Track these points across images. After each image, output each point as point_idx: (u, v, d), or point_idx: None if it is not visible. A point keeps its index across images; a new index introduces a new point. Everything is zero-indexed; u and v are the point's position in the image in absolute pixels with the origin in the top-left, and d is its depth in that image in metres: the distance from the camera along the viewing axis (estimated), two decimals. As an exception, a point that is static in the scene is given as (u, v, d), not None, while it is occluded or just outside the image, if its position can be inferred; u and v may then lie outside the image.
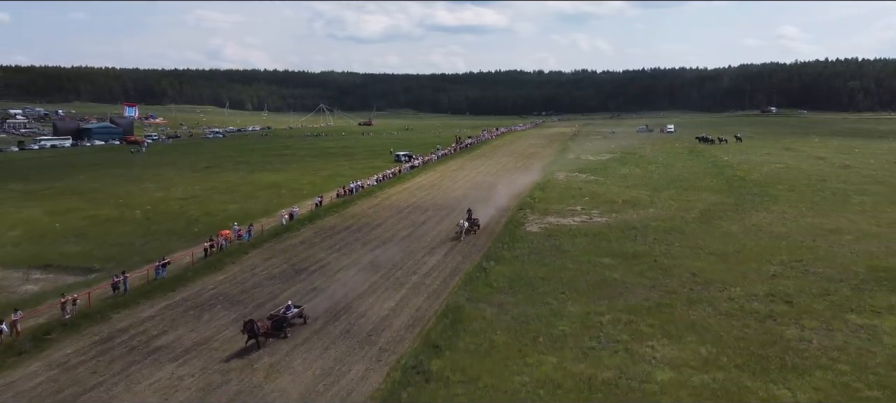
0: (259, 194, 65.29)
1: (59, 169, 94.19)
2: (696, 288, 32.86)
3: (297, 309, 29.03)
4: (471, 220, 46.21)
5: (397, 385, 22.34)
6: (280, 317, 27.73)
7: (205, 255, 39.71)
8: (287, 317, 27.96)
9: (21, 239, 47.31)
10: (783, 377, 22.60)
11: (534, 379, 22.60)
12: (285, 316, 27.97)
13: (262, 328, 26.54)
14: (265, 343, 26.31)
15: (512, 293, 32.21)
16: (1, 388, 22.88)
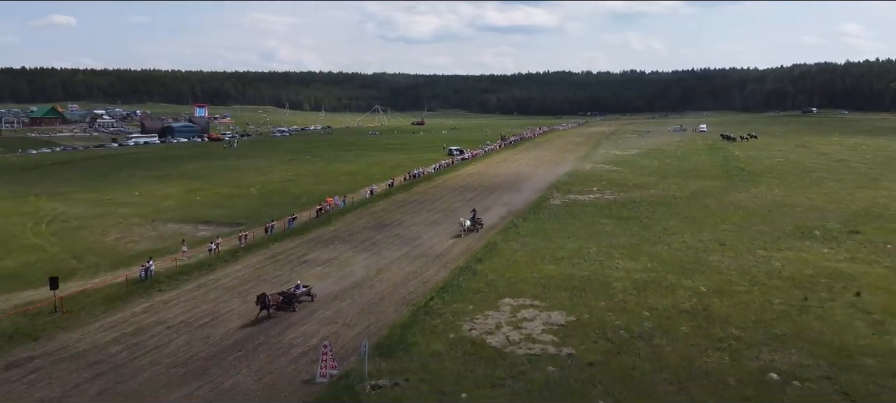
0: (340, 178, 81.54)
1: (168, 160, 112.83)
2: (662, 236, 47.23)
3: (305, 288, 34.06)
4: (474, 220, 50.65)
5: (456, 275, 37.58)
6: (290, 294, 32.71)
7: (317, 215, 55.81)
8: (296, 294, 32.88)
9: (175, 207, 64.49)
10: (692, 276, 36.97)
11: (539, 275, 37.49)
12: (294, 293, 32.96)
13: (273, 302, 31.65)
14: (275, 315, 31.42)
15: (532, 237, 47.20)
16: (227, 274, 39.10)
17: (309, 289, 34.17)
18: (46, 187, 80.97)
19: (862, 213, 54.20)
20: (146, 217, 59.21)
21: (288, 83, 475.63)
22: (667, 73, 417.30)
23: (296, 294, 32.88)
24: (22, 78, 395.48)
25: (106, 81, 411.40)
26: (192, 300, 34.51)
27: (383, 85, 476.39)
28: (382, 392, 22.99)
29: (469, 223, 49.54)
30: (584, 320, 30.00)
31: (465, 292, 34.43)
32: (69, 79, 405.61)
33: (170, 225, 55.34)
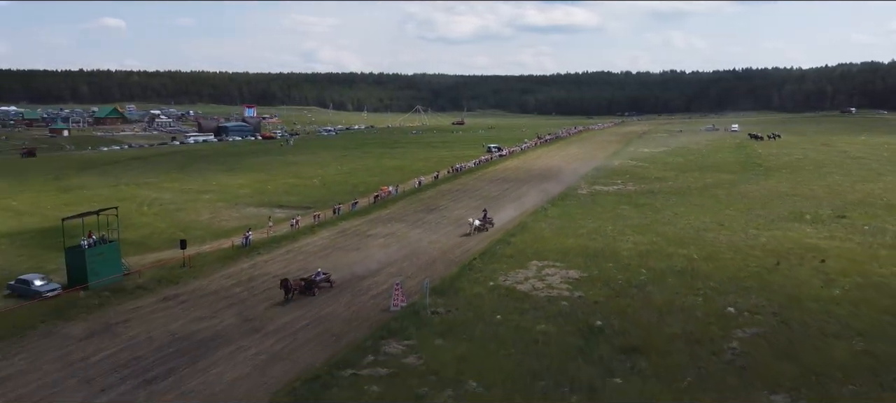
0: (390, 171, 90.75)
1: (231, 156, 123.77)
2: (671, 218, 55.07)
3: (324, 275, 37.18)
4: (484, 219, 52.67)
5: (493, 245, 46.14)
6: (310, 280, 35.89)
7: (374, 201, 65.00)
8: (316, 281, 36.05)
9: (250, 194, 74.40)
10: (688, 247, 44.89)
11: (561, 245, 45.80)
12: (315, 279, 36.17)
13: (295, 286, 34.87)
14: (296, 298, 34.62)
15: (558, 218, 55.55)
16: (308, 243, 48.46)
17: (328, 276, 37.40)
18: (133, 178, 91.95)
19: (855, 202, 61.06)
20: (228, 202, 69.12)
21: (331, 84, 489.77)
22: (707, 73, 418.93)
23: (316, 280, 36.22)
24: (82, 79, 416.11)
25: (159, 83, 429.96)
26: (285, 260, 43.87)
27: (424, 85, 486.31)
28: (438, 316, 31.73)
29: (478, 222, 51.68)
30: (594, 275, 38.34)
31: (500, 257, 43.04)
32: (125, 80, 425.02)
33: (250, 208, 65.06)
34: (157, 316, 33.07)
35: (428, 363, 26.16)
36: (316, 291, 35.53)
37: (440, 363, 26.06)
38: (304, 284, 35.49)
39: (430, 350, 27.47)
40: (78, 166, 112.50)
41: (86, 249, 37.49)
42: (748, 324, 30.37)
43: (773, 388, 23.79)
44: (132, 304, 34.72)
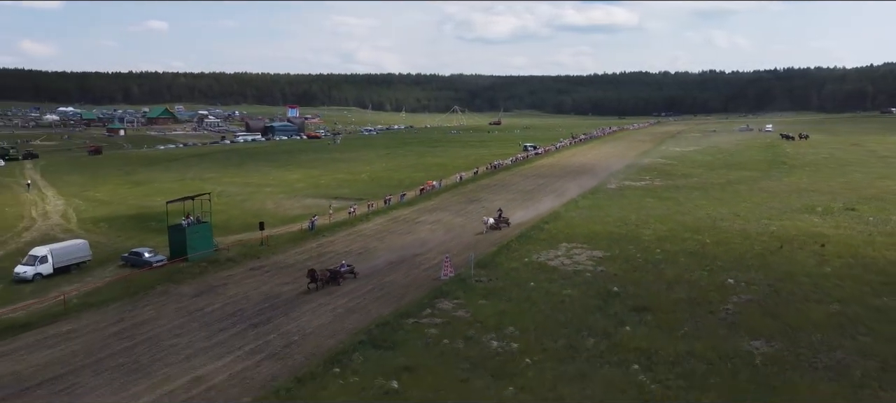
0: (432, 168, 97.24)
1: (282, 154, 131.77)
2: (691, 210, 60.41)
3: (348, 267, 40.17)
4: (499, 218, 54.89)
5: (528, 230, 52.19)
6: (335, 271, 38.80)
7: (420, 193, 71.57)
8: (340, 271, 39.00)
9: (305, 187, 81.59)
10: (702, 233, 50.35)
11: (588, 231, 51.63)
12: (339, 270, 39.13)
13: (321, 276, 37.72)
14: (322, 287, 37.40)
15: (587, 209, 61.34)
16: (365, 228, 55.24)
17: (352, 267, 40.46)
18: (196, 173, 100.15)
19: (868, 197, 65.45)
20: (287, 193, 76.43)
21: (369, 85, 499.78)
22: (747, 73, 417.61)
23: (341, 271, 39.17)
24: (132, 81, 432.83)
25: (205, 84, 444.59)
26: (346, 241, 50.66)
27: (461, 86, 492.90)
28: (481, 283, 37.97)
29: (492, 221, 53.71)
30: (615, 255, 44.20)
31: (534, 240, 49.15)
32: (173, 81, 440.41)
33: (308, 199, 72.14)
34: (248, 281, 40.02)
35: (474, 315, 32.47)
36: (340, 281, 38.54)
37: (484, 315, 32.34)
38: (330, 274, 38.50)
39: (476, 307, 33.78)
40: (142, 163, 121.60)
41: (186, 227, 44.76)
42: (744, 292, 35.94)
43: (754, 337, 29.46)
44: (226, 272, 41.80)
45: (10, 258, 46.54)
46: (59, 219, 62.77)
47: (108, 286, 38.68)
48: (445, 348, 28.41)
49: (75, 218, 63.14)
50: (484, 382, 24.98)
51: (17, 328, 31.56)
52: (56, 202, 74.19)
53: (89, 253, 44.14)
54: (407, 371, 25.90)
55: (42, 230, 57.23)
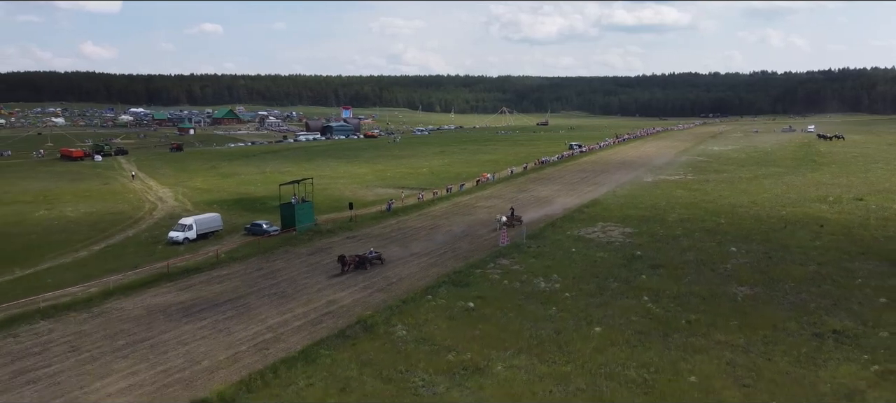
0: (485, 163, 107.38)
1: (346, 151, 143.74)
2: (715, 199, 69.13)
3: (376, 254, 44.13)
4: (512, 217, 57.48)
5: (570, 213, 61.91)
6: (364, 257, 42.96)
7: (476, 184, 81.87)
8: (368, 258, 42.99)
9: (374, 179, 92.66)
10: (720, 216, 59.26)
11: (622, 214, 61.00)
12: (367, 256, 43.31)
13: (350, 261, 41.68)
14: (350, 271, 41.33)
15: (623, 197, 70.68)
16: (432, 210, 65.74)
17: (379, 254, 44.55)
18: (273, 167, 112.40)
19: (880, 190, 72.97)
20: (360, 184, 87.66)
21: (419, 86, 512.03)
22: (799, 74, 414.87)
23: (368, 257, 43.38)
24: (195, 83, 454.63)
25: (263, 85, 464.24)
26: (419, 220, 61.27)
27: (509, 87, 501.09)
28: (532, 249, 47.97)
29: (505, 218, 56.70)
30: (642, 231, 53.64)
31: (575, 220, 58.96)
32: (232, 83, 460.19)
33: (378, 188, 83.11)
34: (347, 245, 50.89)
35: (526, 268, 42.56)
36: (368, 266, 42.54)
37: (534, 268, 42.40)
38: (358, 260, 42.64)
39: (527, 263, 43.86)
40: (222, 158, 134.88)
41: (296, 204, 55.97)
42: (743, 257, 45.09)
43: (741, 285, 38.71)
44: (328, 240, 52.80)
45: (150, 230, 58.68)
46: (174, 202, 75.05)
47: (242, 246, 50.09)
48: (505, 286, 38.62)
49: (189, 201, 75.31)
50: (534, 306, 35.05)
51: (192, 271, 43.01)
52: (163, 190, 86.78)
53: (221, 224, 55.88)
54: (478, 298, 36.16)
55: (167, 210, 69.48)
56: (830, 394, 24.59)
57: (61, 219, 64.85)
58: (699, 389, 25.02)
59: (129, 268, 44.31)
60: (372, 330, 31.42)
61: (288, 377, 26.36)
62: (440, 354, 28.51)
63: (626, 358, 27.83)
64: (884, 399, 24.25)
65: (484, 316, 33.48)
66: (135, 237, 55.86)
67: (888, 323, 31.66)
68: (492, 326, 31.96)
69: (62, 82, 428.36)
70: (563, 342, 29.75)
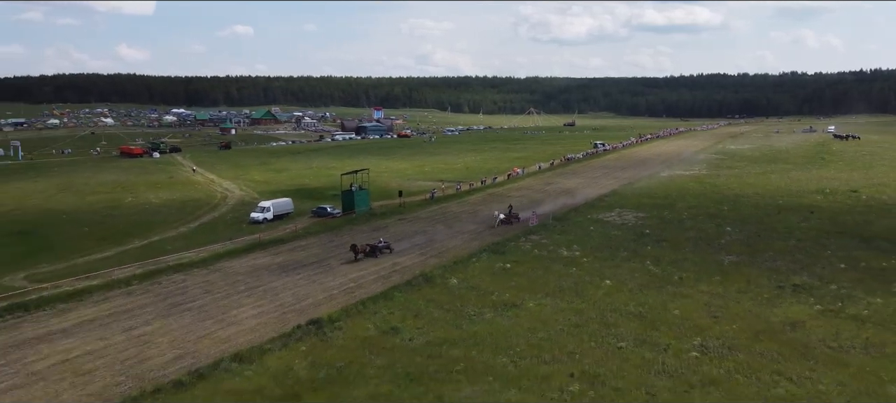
0: (515, 160, 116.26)
1: (383, 149, 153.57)
2: (723, 190, 77.26)
3: (385, 243, 48.81)
4: (509, 214, 60.56)
5: (592, 201, 70.63)
6: (374, 246, 47.70)
7: (508, 178, 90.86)
8: (378, 247, 47.69)
9: (414, 173, 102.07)
10: (723, 204, 67.47)
11: (637, 202, 69.50)
12: (377, 245, 48.09)
13: (361, 249, 46.11)
14: (362, 259, 45.56)
15: (639, 188, 79.22)
16: (470, 199, 74.96)
17: (388, 244, 49.41)
18: (319, 163, 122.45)
19: (877, 183, 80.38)
20: (402, 177, 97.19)
21: (447, 87, 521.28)
22: (830, 75, 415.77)
23: (378, 246, 48.16)
24: (231, 84, 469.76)
25: (296, 87, 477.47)
26: (459, 206, 70.46)
27: (537, 88, 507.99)
28: (557, 228, 56.84)
29: (502, 216, 60.10)
30: (653, 215, 62.17)
31: (595, 207, 67.70)
32: (267, 85, 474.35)
33: (419, 181, 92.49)
34: (400, 225, 60.32)
35: (552, 242, 51.47)
36: (378, 254, 47.26)
37: (558, 242, 51.27)
38: (370, 248, 47.53)
39: (553, 238, 52.76)
40: (270, 155, 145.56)
41: (354, 191, 65.54)
42: (736, 235, 53.46)
43: (729, 254, 47.15)
44: (383, 221, 62.23)
45: (230, 213, 68.73)
46: (240, 193, 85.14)
47: (313, 225, 59.86)
48: (535, 253, 47.64)
49: (253, 191, 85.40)
50: (558, 267, 43.98)
51: (278, 242, 52.74)
52: (226, 182, 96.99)
53: (293, 207, 65.66)
54: (513, 261, 45.23)
55: (237, 198, 79.63)
56: (778, 323, 33.09)
57: (149, 205, 75.31)
58: (680, 318, 33.72)
59: (226, 240, 54.15)
60: (431, 281, 40.63)
61: (373, 308, 35.64)
62: (485, 296, 37.61)
63: (628, 300, 36.61)
64: (819, 327, 32.61)
65: (518, 273, 42.51)
66: (220, 218, 65.96)
67: (840, 280, 40.00)
68: (524, 279, 40.99)
69: (106, 84, 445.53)
70: (579, 290, 38.68)
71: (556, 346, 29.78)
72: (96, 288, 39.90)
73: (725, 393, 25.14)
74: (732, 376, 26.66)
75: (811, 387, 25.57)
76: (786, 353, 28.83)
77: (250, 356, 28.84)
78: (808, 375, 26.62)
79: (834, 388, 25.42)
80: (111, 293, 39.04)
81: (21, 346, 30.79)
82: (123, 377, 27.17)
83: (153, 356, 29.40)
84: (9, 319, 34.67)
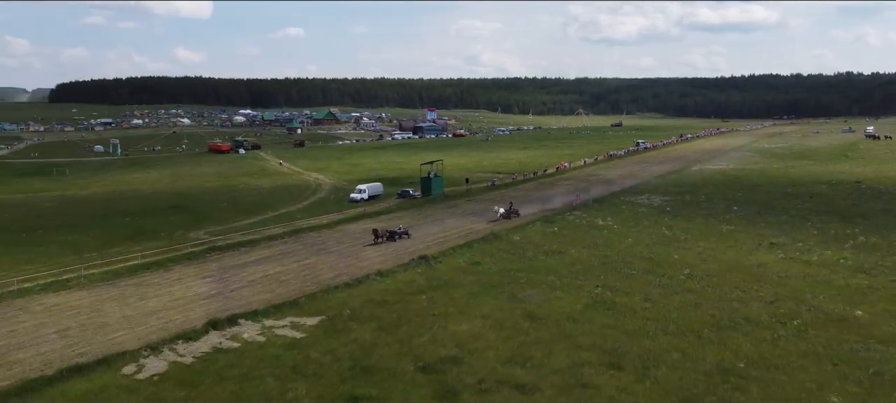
0: (563, 156, 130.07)
1: (442, 147, 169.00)
2: (741, 181, 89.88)
3: (404, 230, 56.05)
4: (510, 209, 65.95)
5: (626, 189, 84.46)
6: (393, 231, 55.05)
7: (556, 171, 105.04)
8: (397, 232, 55.05)
9: (474, 167, 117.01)
10: (738, 190, 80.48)
11: (665, 190, 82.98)
12: (397, 230, 55.34)
13: (382, 234, 53.89)
14: (382, 242, 53.34)
15: (670, 179, 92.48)
16: (524, 185, 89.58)
17: (406, 229, 56.68)
18: (387, 157, 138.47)
19: (881, 176, 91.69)
20: (464, 170, 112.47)
21: (497, 88, 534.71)
22: (887, 75, 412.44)
23: (397, 231, 55.45)
24: (291, 86, 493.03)
25: (353, 88, 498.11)
26: (515, 192, 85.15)
27: (586, 89, 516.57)
28: (595, 207, 71.03)
29: (503, 211, 65.47)
30: (676, 199, 75.66)
31: (629, 192, 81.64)
32: (325, 86, 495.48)
33: (479, 173, 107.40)
34: (468, 204, 75.35)
35: (590, 215, 65.74)
36: (397, 239, 54.78)
37: (596, 215, 65.51)
38: (389, 233, 55.02)
39: (591, 213, 66.98)
40: (342, 152, 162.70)
41: (432, 178, 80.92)
42: (740, 212, 66.59)
43: (729, 225, 60.58)
44: (454, 201, 77.33)
45: (330, 194, 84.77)
46: (330, 181, 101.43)
47: (399, 204, 75.40)
48: (576, 223, 62.08)
49: (340, 180, 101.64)
50: (594, 231, 58.28)
51: (377, 214, 68.41)
52: (313, 174, 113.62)
53: (383, 190, 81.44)
54: (559, 227, 59.77)
55: (329, 185, 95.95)
56: (749, 264, 46.61)
57: (261, 188, 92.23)
58: (678, 260, 47.70)
59: (335, 213, 70.08)
60: (499, 238, 55.53)
61: (459, 252, 50.64)
62: (538, 246, 52.31)
63: (643, 251, 50.74)
64: (777, 265, 46.03)
65: (562, 234, 57.09)
66: (324, 198, 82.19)
67: (808, 241, 53.25)
68: (567, 238, 55.53)
69: (175, 86, 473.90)
70: (607, 244, 53.04)
71: (588, 272, 44.35)
72: (260, 240, 56.11)
73: (697, 295, 39.23)
74: (705, 289, 40.70)
75: (755, 294, 39.41)
76: (747, 279, 42.65)
77: (386, 274, 44.30)
78: (755, 289, 40.45)
79: (769, 295, 39.17)
80: (272, 243, 55.16)
81: (232, 268, 46.90)
82: (308, 282, 42.83)
83: (322, 273, 45.09)
84: (211, 256, 50.93)
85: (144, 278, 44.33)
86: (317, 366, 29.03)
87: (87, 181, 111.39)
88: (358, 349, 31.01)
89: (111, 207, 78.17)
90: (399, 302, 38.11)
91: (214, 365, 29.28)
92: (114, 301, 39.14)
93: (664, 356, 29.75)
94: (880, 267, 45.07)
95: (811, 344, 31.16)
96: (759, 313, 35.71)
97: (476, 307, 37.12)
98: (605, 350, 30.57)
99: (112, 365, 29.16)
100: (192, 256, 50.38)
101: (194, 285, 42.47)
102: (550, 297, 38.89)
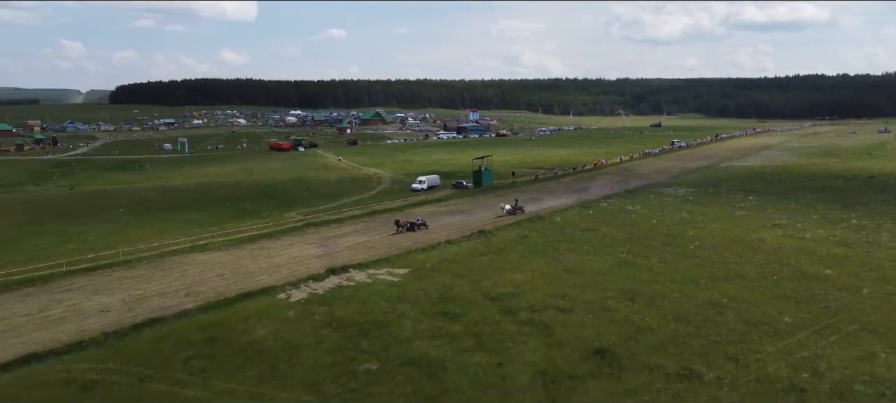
0: (599, 154, 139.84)
1: (488, 145, 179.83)
2: (762, 175, 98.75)
3: (422, 221, 62.24)
4: (515, 206, 70.40)
5: (656, 182, 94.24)
6: (413, 222, 61.13)
7: (594, 166, 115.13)
8: (417, 223, 61.15)
9: (517, 163, 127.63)
10: (756, 182, 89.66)
11: (691, 183, 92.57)
12: (416, 222, 61.55)
13: (404, 224, 60.35)
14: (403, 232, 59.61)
15: (698, 174, 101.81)
16: (565, 180, 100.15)
17: (424, 221, 63.01)
18: (437, 155, 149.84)
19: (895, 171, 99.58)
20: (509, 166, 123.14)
21: (538, 89, 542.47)
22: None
23: (416, 223, 61.69)
24: (338, 87, 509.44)
25: (397, 89, 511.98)
26: (557, 184, 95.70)
27: (627, 89, 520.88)
28: (627, 196, 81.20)
29: (509, 207, 69.76)
30: (700, 190, 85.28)
31: (657, 184, 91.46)
32: (369, 87, 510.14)
33: (523, 168, 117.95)
34: (514, 193, 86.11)
35: (621, 202, 76.01)
36: (416, 229, 60.80)
37: (626, 202, 75.77)
38: (409, 224, 61.31)
39: (622, 201, 77.25)
40: (394, 150, 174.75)
41: (482, 171, 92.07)
42: (755, 200, 75.98)
43: (742, 210, 70.25)
44: (502, 192, 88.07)
45: (392, 185, 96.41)
46: (388, 175, 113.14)
47: (455, 193, 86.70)
48: (609, 209, 72.48)
49: (398, 173, 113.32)
50: (623, 215, 68.61)
51: (437, 201, 79.82)
52: (371, 168, 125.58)
53: (439, 181, 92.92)
54: (594, 212, 70.26)
55: (389, 178, 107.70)
56: (750, 239, 56.45)
57: (329, 180, 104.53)
58: (692, 236, 57.70)
59: (402, 199, 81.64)
60: (542, 219, 66.36)
61: (511, 229, 61.59)
62: (576, 225, 62.98)
63: (664, 230, 60.92)
64: (775, 240, 55.75)
65: (596, 217, 67.66)
66: (387, 189, 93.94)
67: (807, 223, 62.75)
68: (600, 219, 66.08)
69: (227, 87, 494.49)
70: (634, 224, 63.42)
71: (616, 244, 54.95)
72: (345, 218, 68.15)
73: (701, 260, 49.50)
74: (710, 255, 50.93)
75: (749, 259, 49.47)
76: (746, 249, 52.69)
77: (454, 242, 55.66)
78: (751, 256, 50.50)
79: (761, 261, 49.18)
80: (356, 221, 67.06)
81: (330, 238, 58.82)
82: (392, 248, 54.39)
83: (402, 242, 56.64)
84: (309, 230, 62.94)
85: (263, 244, 56.54)
86: (414, 295, 40.52)
87: (169, 174, 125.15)
88: (441, 287, 42.38)
89: (208, 194, 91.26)
90: (466, 261, 49.41)
91: (340, 294, 41.01)
92: (247, 258, 51.32)
93: (668, 294, 40.37)
94: (861, 242, 54.60)
95: (782, 290, 41.37)
96: (749, 271, 45.91)
97: (526, 264, 48.19)
98: (624, 290, 41.31)
99: (269, 293, 41.11)
100: (294, 229, 62.57)
101: (305, 248, 54.49)
102: (585, 259, 49.69)
